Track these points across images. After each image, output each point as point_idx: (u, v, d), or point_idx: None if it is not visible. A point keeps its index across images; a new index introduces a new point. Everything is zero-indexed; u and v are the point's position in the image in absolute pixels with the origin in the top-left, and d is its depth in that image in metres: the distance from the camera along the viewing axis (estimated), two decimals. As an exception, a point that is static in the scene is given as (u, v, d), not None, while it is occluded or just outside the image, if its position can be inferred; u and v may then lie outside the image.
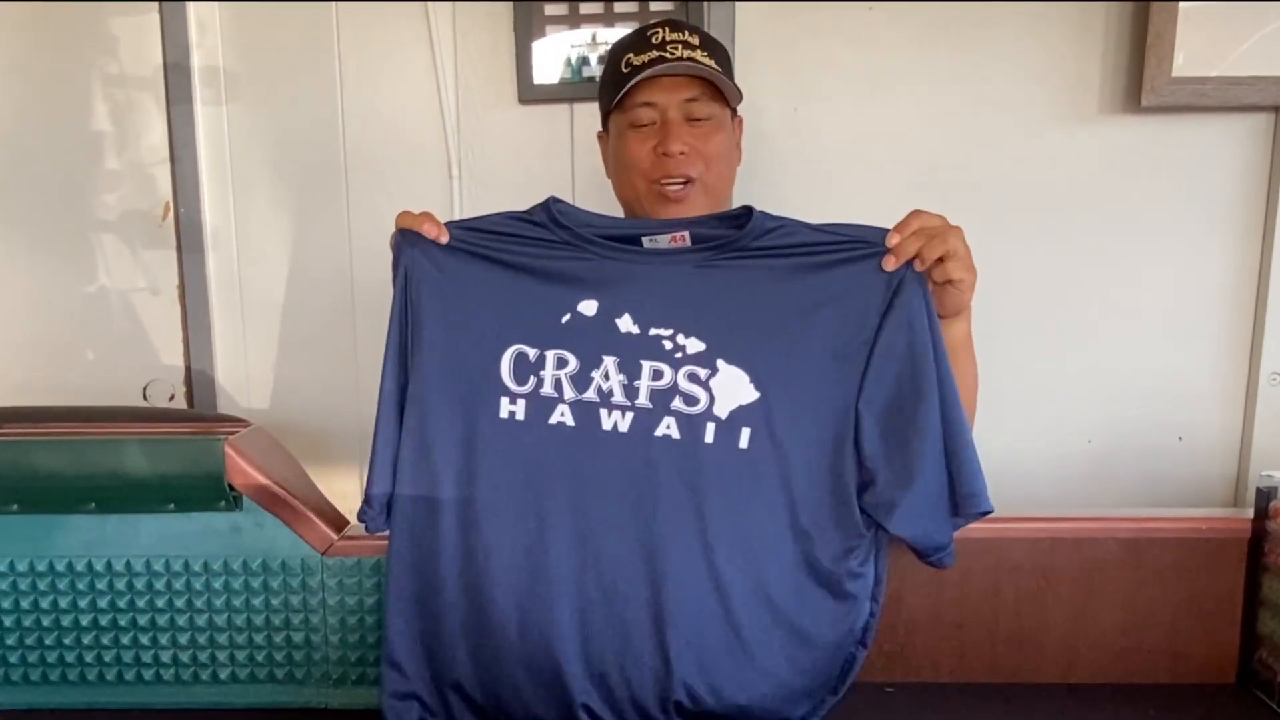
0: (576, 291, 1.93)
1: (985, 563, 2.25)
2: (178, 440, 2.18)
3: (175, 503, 2.18)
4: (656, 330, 1.90)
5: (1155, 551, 2.26)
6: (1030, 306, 2.79)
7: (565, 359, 1.91)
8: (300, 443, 2.59)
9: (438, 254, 1.94)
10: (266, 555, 2.21)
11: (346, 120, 2.90)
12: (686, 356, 1.89)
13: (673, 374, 1.89)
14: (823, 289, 1.88)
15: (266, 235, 3.00)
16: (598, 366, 1.90)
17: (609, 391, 1.90)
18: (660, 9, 2.77)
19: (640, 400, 1.90)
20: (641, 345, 1.91)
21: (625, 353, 1.91)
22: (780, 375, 1.88)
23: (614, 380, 1.90)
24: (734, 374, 1.88)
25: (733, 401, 1.88)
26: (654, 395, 1.89)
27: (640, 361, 1.90)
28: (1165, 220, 2.80)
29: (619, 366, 1.90)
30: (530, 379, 1.92)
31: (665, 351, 1.90)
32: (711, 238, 1.93)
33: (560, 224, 1.95)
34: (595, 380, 1.90)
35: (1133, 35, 2.70)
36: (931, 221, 1.86)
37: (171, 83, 2.89)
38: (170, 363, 3.02)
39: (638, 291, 1.92)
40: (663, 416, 1.90)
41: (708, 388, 1.89)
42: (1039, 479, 2.87)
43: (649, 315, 1.91)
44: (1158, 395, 2.87)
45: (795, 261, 1.89)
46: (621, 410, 1.90)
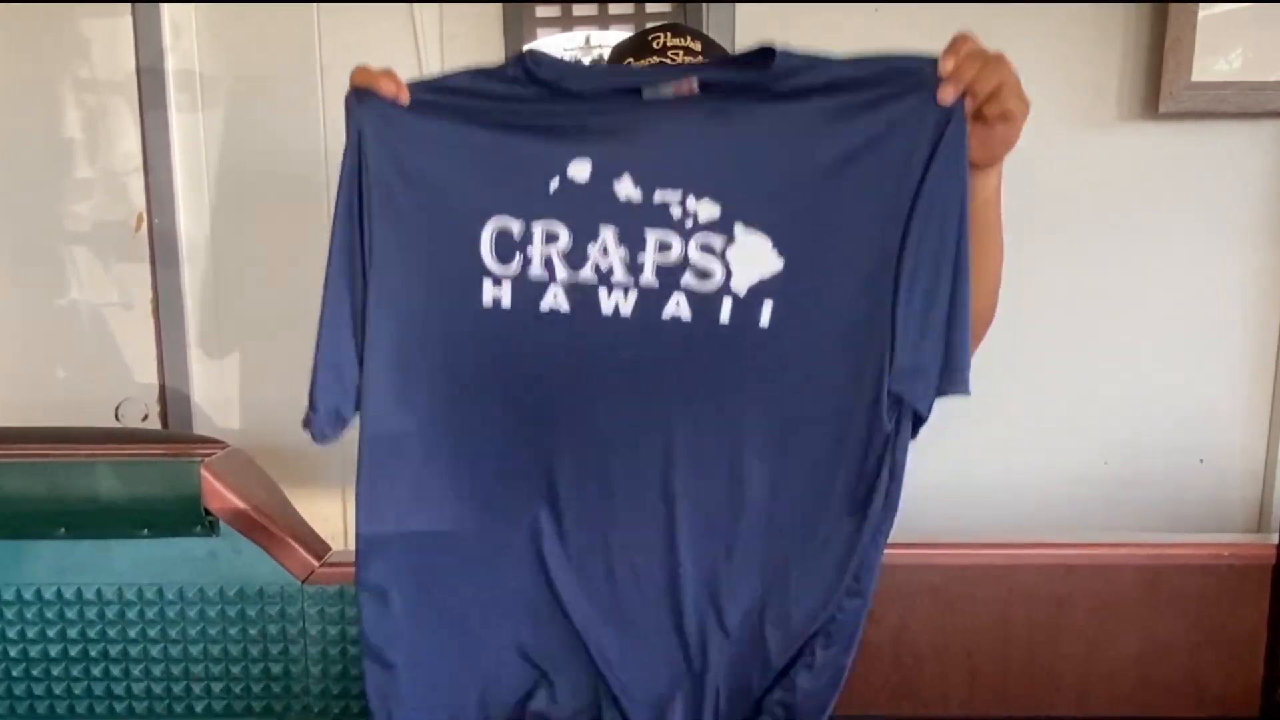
0: (565, 151, 1.69)
1: (995, 590, 2.25)
2: (152, 462, 2.18)
3: (149, 528, 2.18)
4: (663, 194, 1.68)
5: (1174, 579, 2.26)
6: (1043, 321, 2.79)
7: (555, 233, 1.69)
8: (280, 465, 2.59)
9: (397, 115, 1.70)
10: (244, 583, 2.21)
11: (328, 126, 2.90)
12: (699, 224, 1.67)
13: (682, 245, 1.68)
14: (861, 133, 1.63)
15: (245, 247, 3.01)
16: (594, 239, 1.69)
17: (608, 270, 1.70)
18: (657, 10, 2.78)
19: (645, 278, 1.70)
20: (645, 213, 1.68)
21: (626, 222, 1.69)
22: (809, 239, 1.67)
23: (614, 255, 1.70)
24: (754, 240, 1.67)
25: (753, 274, 1.68)
26: (661, 271, 1.69)
27: (644, 231, 1.69)
28: (1184, 231, 2.81)
29: (619, 238, 1.69)
30: (516, 257, 1.71)
31: (674, 220, 1.68)
32: (725, 84, 1.68)
33: (537, 79, 1.69)
34: (592, 257, 1.70)
35: (1150, 39, 2.72)
36: (978, 44, 1.69)
37: (145, 87, 2.91)
38: (144, 381, 3.03)
39: (639, 146, 1.69)
40: (672, 293, 1.70)
41: (724, 259, 1.68)
42: (1052, 502, 2.86)
43: (654, 175, 1.68)
44: (1177, 415, 2.88)
45: (828, 104, 1.64)
46: (624, 290, 1.71)
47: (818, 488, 1.73)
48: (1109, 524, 2.89)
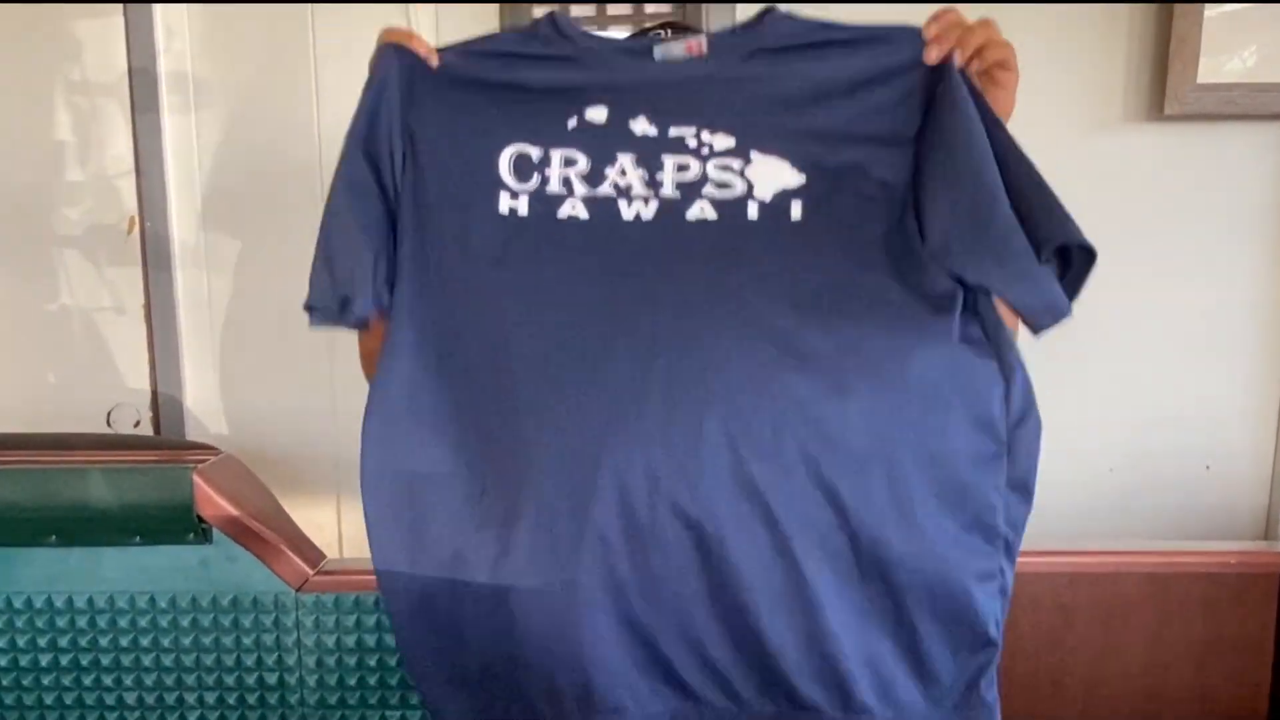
0: (582, 97, 1.78)
1: (1000, 598, 2.25)
2: (143, 469, 2.18)
3: (141, 535, 2.17)
4: (678, 129, 1.76)
5: (1181, 586, 2.26)
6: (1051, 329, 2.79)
7: (574, 158, 1.76)
8: (274, 472, 2.59)
9: (428, 74, 1.80)
10: (238, 591, 2.20)
11: (323, 129, 2.91)
12: (715, 151, 1.75)
13: (701, 166, 1.75)
14: (859, 76, 1.75)
15: (238, 251, 3.01)
16: (612, 163, 1.76)
17: (627, 186, 1.75)
18: (656, 10, 2.78)
19: (666, 190, 1.75)
20: (662, 144, 1.77)
21: (644, 149, 1.76)
22: (825, 158, 1.75)
23: (632, 175, 1.75)
24: (772, 162, 1.75)
25: (775, 185, 1.74)
26: (681, 186, 1.75)
27: (662, 156, 1.76)
28: (1191, 235, 2.81)
29: (637, 162, 1.76)
30: (534, 176, 1.76)
31: (690, 149, 1.76)
32: (731, 44, 1.79)
33: (564, 33, 1.80)
34: (610, 176, 1.76)
35: (1156, 39, 2.72)
36: (961, 15, 1.76)
37: (137, 89, 2.91)
38: (136, 386, 3.03)
39: (652, 92, 1.78)
40: (694, 200, 1.74)
41: (744, 176, 1.75)
42: (1057, 510, 2.83)
43: (667, 115, 1.77)
44: (1184, 421, 2.88)
45: (826, 52, 1.76)
46: (644, 200, 1.75)
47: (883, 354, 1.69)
48: (1115, 531, 2.90)
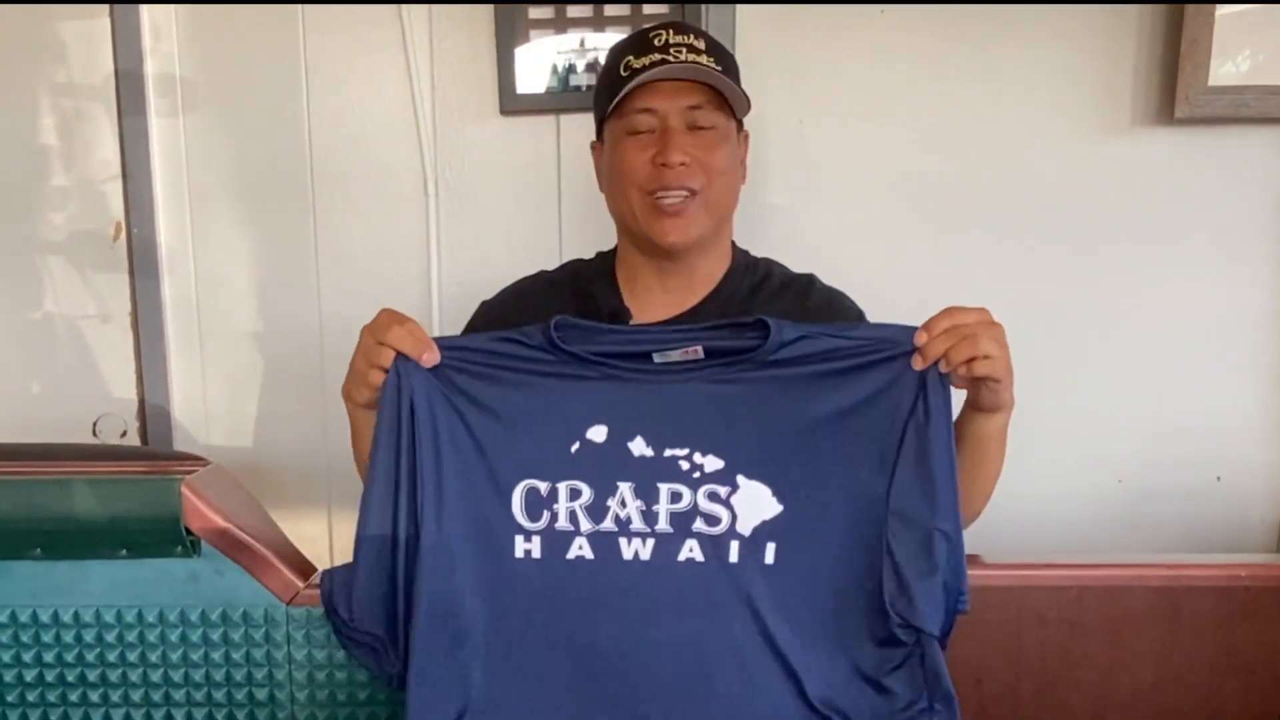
0: (584, 417, 1.93)
1: (1006, 613, 2.25)
2: (130, 480, 2.17)
3: (128, 548, 2.16)
4: (672, 451, 1.91)
5: (1192, 601, 2.25)
6: (1054, 334, 2.79)
7: (579, 489, 1.91)
8: (263, 483, 2.60)
9: (436, 382, 1.91)
10: (227, 605, 2.20)
11: (313, 132, 2.92)
12: (705, 475, 1.90)
13: (691, 495, 1.90)
14: (847, 397, 1.88)
15: (226, 257, 3.01)
16: (613, 494, 1.91)
17: (627, 519, 1.91)
18: (654, 11, 2.79)
19: (660, 525, 1.91)
20: (657, 467, 1.91)
21: (640, 477, 1.91)
22: (804, 486, 1.90)
23: (631, 507, 1.91)
24: (755, 489, 1.90)
25: (755, 517, 1.90)
26: (674, 518, 1.91)
27: (657, 484, 1.91)
28: (1202, 242, 2.80)
29: (635, 492, 1.91)
30: (544, 514, 1.92)
31: (682, 472, 1.91)
32: (726, 351, 1.92)
33: (560, 348, 1.91)
34: (611, 508, 1.91)
35: (1166, 40, 2.71)
36: (965, 318, 1.83)
37: (124, 92, 2.91)
38: (122, 396, 3.03)
39: (649, 412, 1.92)
40: (685, 539, 1.91)
41: (729, 505, 1.90)
42: (1065, 522, 2.88)
43: (663, 436, 1.92)
44: (1194, 431, 2.87)
45: (817, 370, 1.89)
46: (642, 538, 1.91)
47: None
48: (1123, 544, 2.89)
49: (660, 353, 1.93)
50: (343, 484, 2.99)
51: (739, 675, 1.90)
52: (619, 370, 1.92)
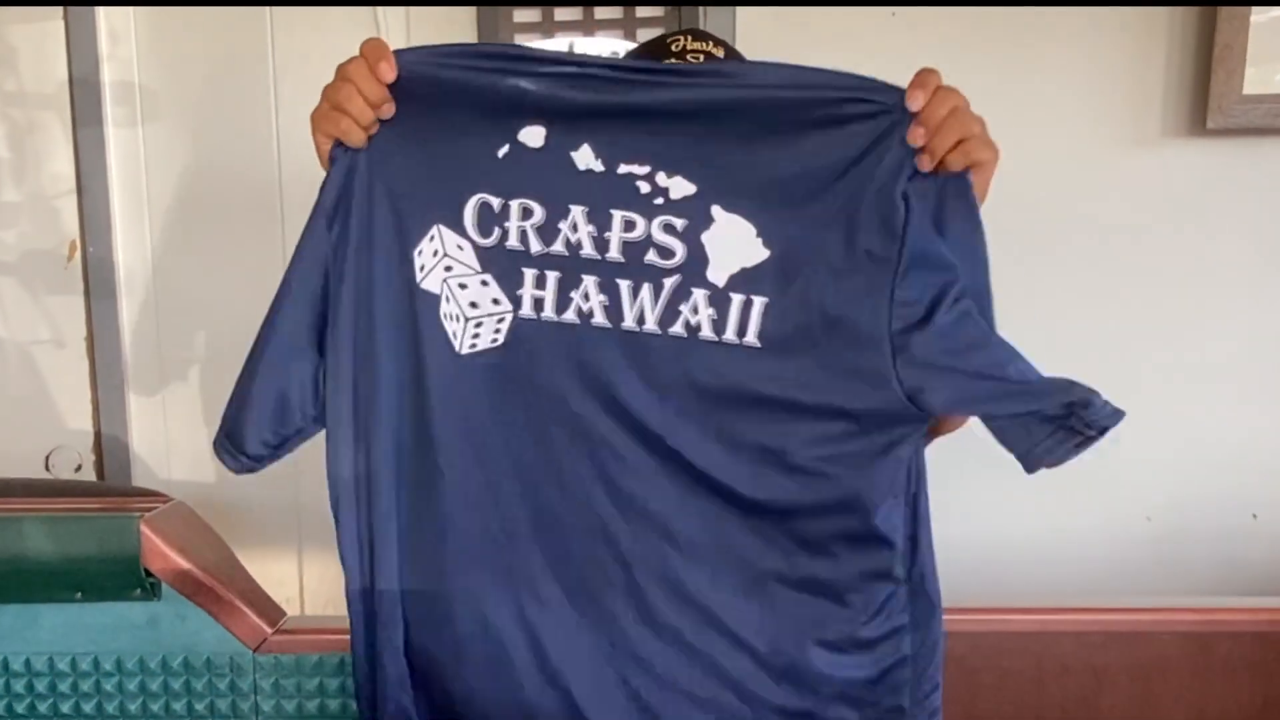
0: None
1: (1027, 660, 2.25)
2: (85, 518, 2.18)
3: (83, 591, 2.17)
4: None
5: (1225, 647, 2.26)
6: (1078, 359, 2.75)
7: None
8: (228, 521, 2.60)
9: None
10: (189, 652, 2.20)
11: (283, 144, 2.93)
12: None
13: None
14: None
15: (189, 278, 3.02)
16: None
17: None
18: (647, 13, 2.80)
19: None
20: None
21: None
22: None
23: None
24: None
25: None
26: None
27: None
28: (1236, 260, 2.81)
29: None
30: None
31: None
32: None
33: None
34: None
35: (1197, 47, 2.73)
36: (945, 84, 1.71)
37: (79, 101, 2.92)
38: (77, 427, 3.04)
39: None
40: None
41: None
42: (1090, 563, 2.86)
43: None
44: (1228, 465, 2.88)
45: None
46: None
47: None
48: (1152, 586, 2.89)
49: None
50: (314, 522, 2.99)
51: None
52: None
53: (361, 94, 1.74)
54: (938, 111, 1.68)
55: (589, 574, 1.80)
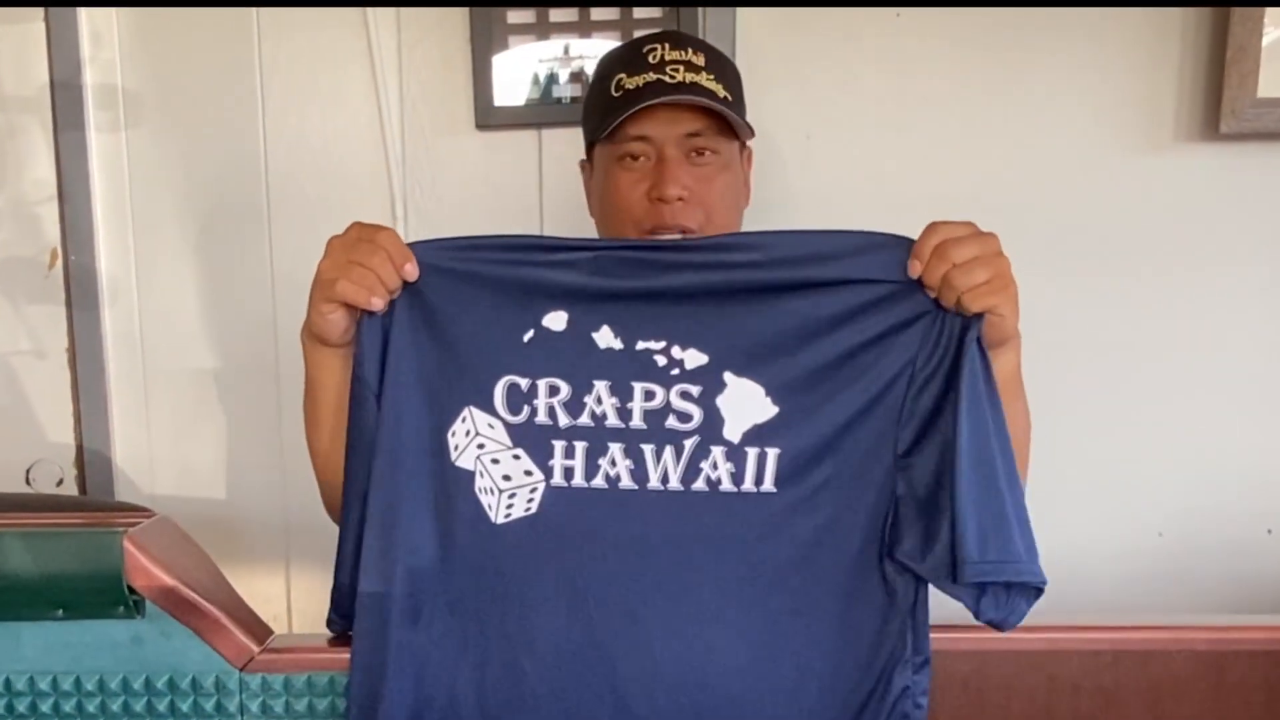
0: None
1: (1034, 680, 2.24)
2: (67, 533, 2.16)
3: (64, 608, 2.15)
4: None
5: (1240, 667, 2.24)
6: (1088, 370, 2.81)
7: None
8: (215, 537, 2.59)
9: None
10: (174, 671, 2.19)
11: (270, 150, 2.93)
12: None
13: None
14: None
15: (174, 287, 3.02)
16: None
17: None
18: (645, 15, 2.80)
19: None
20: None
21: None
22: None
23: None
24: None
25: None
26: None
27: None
28: (1250, 268, 2.81)
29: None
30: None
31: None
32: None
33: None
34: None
35: (1210, 49, 2.73)
36: (955, 232, 1.83)
37: (60, 104, 2.92)
38: (58, 440, 3.04)
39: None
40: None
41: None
42: (1099, 579, 2.87)
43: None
44: (1242, 478, 2.87)
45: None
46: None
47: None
48: (1164, 604, 2.89)
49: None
50: (302, 538, 2.99)
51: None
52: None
53: (391, 260, 1.89)
54: (936, 272, 1.81)
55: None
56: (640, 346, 1.91)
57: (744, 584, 1.92)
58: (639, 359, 1.91)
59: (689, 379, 1.90)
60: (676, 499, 1.91)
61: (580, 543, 1.93)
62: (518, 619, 1.95)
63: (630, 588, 1.92)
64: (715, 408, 1.89)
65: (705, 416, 1.89)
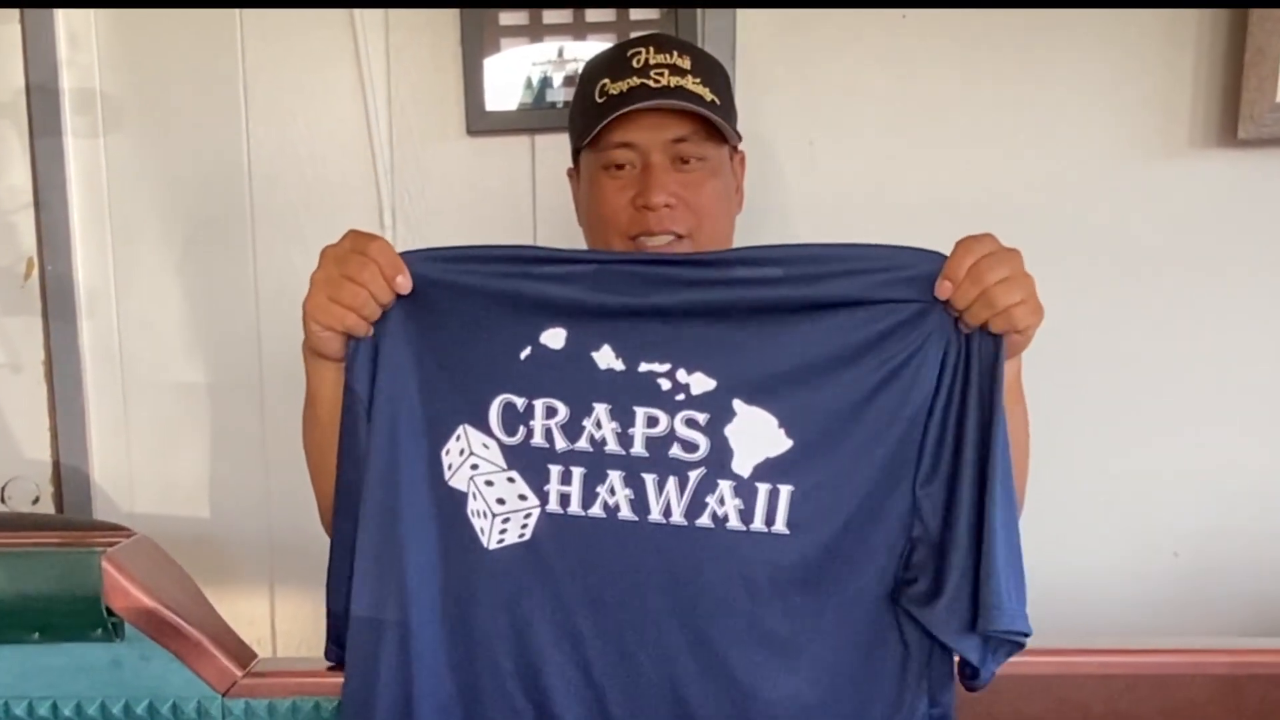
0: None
1: (1046, 705, 2.24)
2: (43, 553, 2.16)
3: (40, 630, 2.15)
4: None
5: (1259, 692, 2.24)
6: (1100, 385, 2.81)
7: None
8: (196, 557, 2.59)
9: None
10: (154, 696, 2.18)
11: (253, 156, 2.93)
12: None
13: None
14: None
15: (154, 298, 3.02)
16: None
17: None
18: (642, 16, 2.80)
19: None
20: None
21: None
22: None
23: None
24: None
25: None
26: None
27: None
28: (1269, 277, 2.81)
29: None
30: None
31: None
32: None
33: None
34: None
35: (1228, 51, 2.72)
36: (987, 247, 1.82)
37: (36, 109, 2.92)
38: (34, 456, 3.03)
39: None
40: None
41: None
42: (1113, 601, 2.87)
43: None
44: (1261, 497, 2.87)
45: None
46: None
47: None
48: (1181, 626, 2.89)
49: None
50: (287, 558, 2.98)
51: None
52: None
53: (383, 273, 1.86)
54: (969, 294, 1.79)
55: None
56: (643, 368, 1.87)
57: (749, 631, 1.90)
58: (641, 382, 1.88)
59: (695, 405, 1.86)
60: (679, 534, 1.88)
61: (575, 574, 1.91)
62: (511, 651, 1.94)
63: (626, 625, 1.91)
64: (723, 438, 1.86)
65: (712, 446, 1.86)
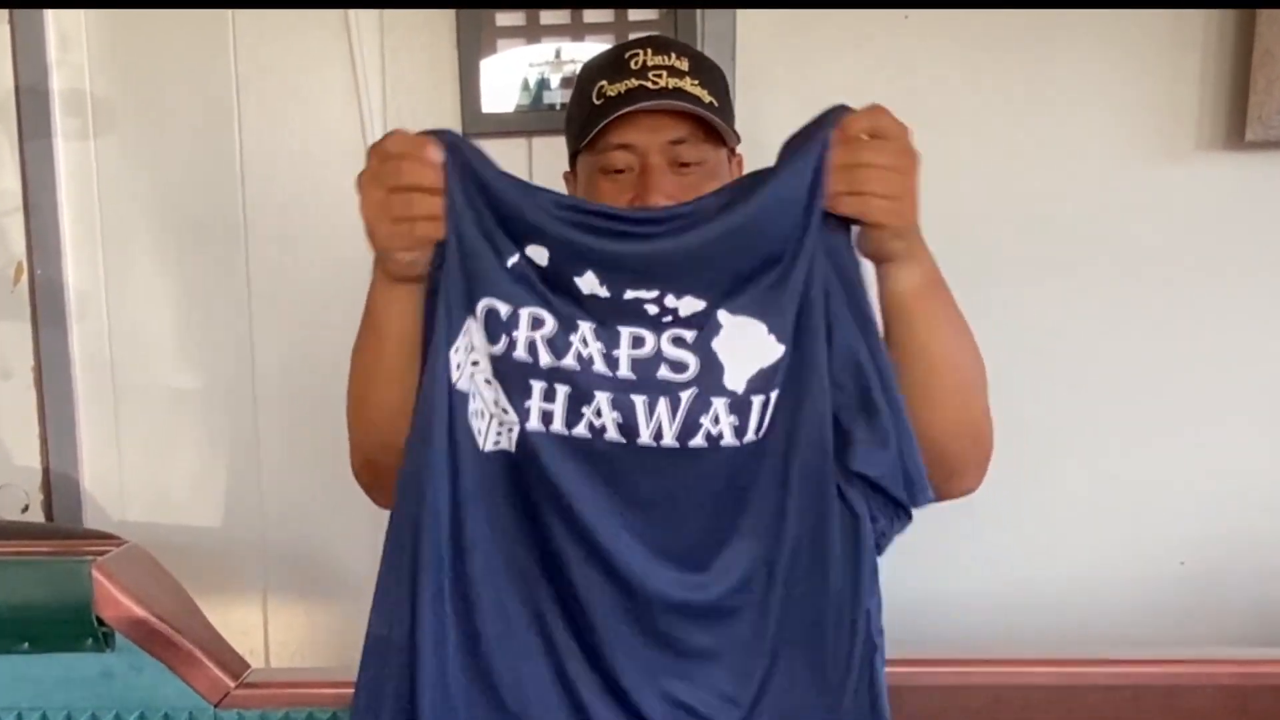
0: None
1: (1053, 715, 2.24)
2: (33, 562, 2.17)
3: (30, 641, 2.16)
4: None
5: (1265, 702, 2.25)
6: (1106, 389, 2.80)
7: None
8: (188, 566, 2.59)
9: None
10: (146, 707, 2.19)
11: (246, 159, 2.93)
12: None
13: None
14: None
15: (145, 303, 3.02)
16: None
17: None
18: (641, 17, 2.80)
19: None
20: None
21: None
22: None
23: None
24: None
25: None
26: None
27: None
28: (1276, 280, 2.81)
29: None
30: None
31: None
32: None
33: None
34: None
35: (1236, 53, 2.73)
36: (884, 127, 1.84)
37: (25, 111, 2.92)
38: (24, 464, 3.03)
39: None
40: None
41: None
42: (1118, 611, 2.86)
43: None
44: (1268, 504, 2.87)
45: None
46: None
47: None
48: (1187, 636, 2.88)
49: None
50: (281, 567, 2.98)
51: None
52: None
53: (421, 163, 1.78)
54: (838, 158, 1.81)
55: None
56: (629, 295, 1.80)
57: (733, 530, 1.87)
58: (627, 307, 1.80)
59: (682, 324, 1.80)
60: (670, 456, 1.83)
61: (556, 495, 1.84)
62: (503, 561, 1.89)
63: (614, 542, 1.84)
64: (712, 353, 1.79)
65: (702, 364, 1.79)
